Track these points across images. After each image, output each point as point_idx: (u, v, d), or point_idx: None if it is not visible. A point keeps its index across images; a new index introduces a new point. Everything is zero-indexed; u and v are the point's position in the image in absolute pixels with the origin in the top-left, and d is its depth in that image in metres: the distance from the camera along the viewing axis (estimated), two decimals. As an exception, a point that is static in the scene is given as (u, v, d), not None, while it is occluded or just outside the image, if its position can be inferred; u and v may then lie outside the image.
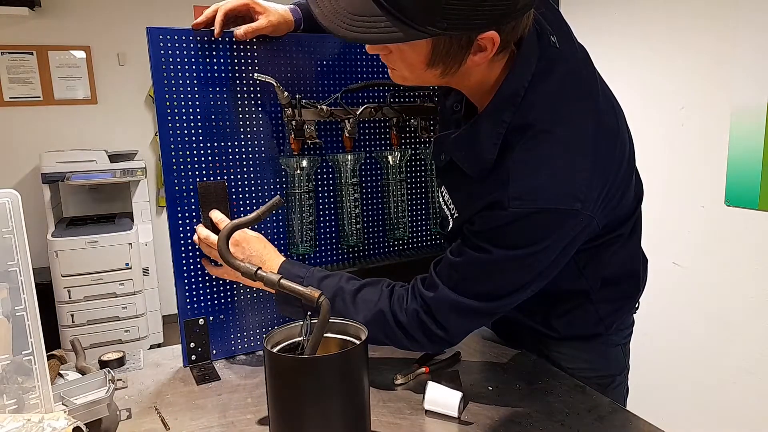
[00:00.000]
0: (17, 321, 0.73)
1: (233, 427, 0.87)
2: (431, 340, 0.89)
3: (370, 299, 0.91)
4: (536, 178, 0.77)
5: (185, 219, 1.05)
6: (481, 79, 0.81)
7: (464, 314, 0.85)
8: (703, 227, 1.95)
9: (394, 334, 0.90)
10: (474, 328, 0.92)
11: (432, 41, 0.72)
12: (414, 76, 0.80)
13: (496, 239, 0.80)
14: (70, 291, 2.95)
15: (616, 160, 0.83)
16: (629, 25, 2.18)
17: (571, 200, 0.76)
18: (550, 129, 0.78)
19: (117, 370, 1.07)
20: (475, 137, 0.82)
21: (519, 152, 0.78)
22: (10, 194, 0.72)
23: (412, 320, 0.88)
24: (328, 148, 1.16)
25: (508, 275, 0.82)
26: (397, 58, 0.78)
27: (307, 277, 0.94)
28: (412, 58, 0.76)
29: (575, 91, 0.82)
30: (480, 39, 0.71)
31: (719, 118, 1.86)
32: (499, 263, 0.81)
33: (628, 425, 0.86)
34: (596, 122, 0.80)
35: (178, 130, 1.02)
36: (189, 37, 1.01)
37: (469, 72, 0.79)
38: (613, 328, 1.03)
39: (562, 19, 0.88)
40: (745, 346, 1.84)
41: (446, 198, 0.93)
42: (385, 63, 0.82)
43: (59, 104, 3.41)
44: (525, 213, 0.76)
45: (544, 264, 0.81)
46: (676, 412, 2.07)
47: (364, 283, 0.94)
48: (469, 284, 0.84)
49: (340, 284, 0.93)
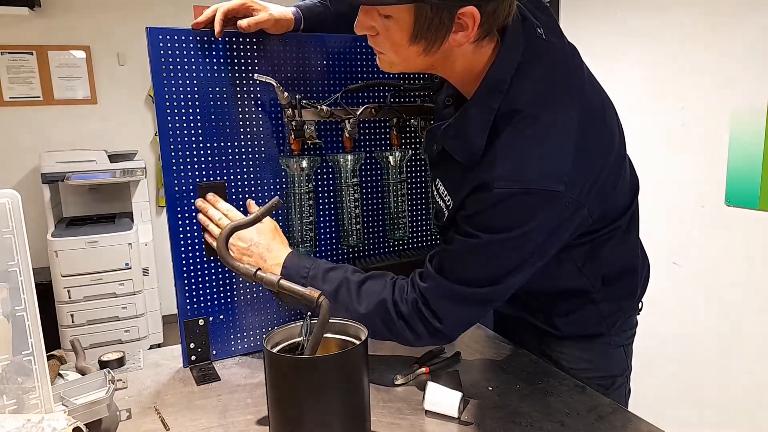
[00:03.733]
0: (17, 321, 0.73)
1: (233, 427, 0.87)
2: (429, 332, 0.89)
3: (373, 290, 0.92)
4: (521, 160, 0.79)
5: (185, 219, 1.05)
6: (466, 65, 0.84)
7: (457, 301, 0.87)
8: (703, 227, 1.95)
9: (394, 325, 0.91)
10: (469, 318, 0.92)
11: (414, 14, 0.76)
12: (399, 59, 0.83)
13: (483, 223, 0.82)
14: (70, 291, 2.95)
15: (603, 148, 0.85)
16: (629, 25, 2.18)
17: (554, 182, 0.77)
18: (536, 114, 0.80)
19: (117, 370, 1.07)
20: (464, 125, 0.84)
21: (506, 136, 0.81)
22: (10, 194, 0.72)
23: (412, 310, 0.89)
24: (328, 148, 1.16)
25: (496, 260, 0.84)
26: (383, 38, 0.81)
27: (313, 268, 0.96)
28: (396, 35, 0.79)
29: (561, 80, 0.84)
30: (460, 16, 0.75)
31: (719, 118, 1.86)
32: (487, 247, 0.82)
33: (628, 425, 0.86)
34: (581, 109, 0.82)
35: (178, 130, 1.02)
36: (189, 37, 1.01)
37: (453, 55, 0.82)
38: (616, 328, 1.03)
39: (552, 16, 0.90)
40: (746, 346, 1.84)
41: (441, 189, 0.95)
42: (373, 47, 0.85)
43: (59, 104, 3.41)
44: (509, 194, 0.78)
45: (530, 248, 0.82)
46: (677, 412, 2.07)
47: (368, 275, 0.96)
48: (460, 270, 0.86)
49: (345, 275, 0.95)
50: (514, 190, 0.78)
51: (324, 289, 0.92)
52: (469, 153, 0.84)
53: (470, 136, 0.83)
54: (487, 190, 0.80)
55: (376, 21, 0.80)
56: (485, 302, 0.89)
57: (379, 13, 0.79)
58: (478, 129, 0.82)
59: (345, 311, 0.92)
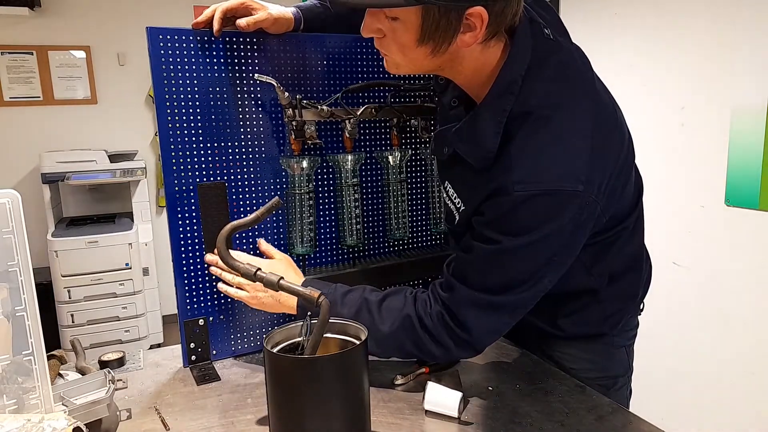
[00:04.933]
0: (17, 321, 0.73)
1: (233, 427, 0.87)
2: (456, 344, 0.88)
3: (395, 307, 0.91)
4: (538, 162, 0.78)
5: (185, 219, 1.05)
6: (475, 66, 0.83)
7: (483, 310, 0.85)
8: (703, 227, 1.95)
9: (420, 340, 0.89)
10: (497, 327, 0.90)
11: (422, 15, 0.75)
12: (406, 60, 0.82)
13: (503, 227, 0.80)
14: (70, 291, 2.95)
15: (615, 148, 0.84)
16: (629, 25, 2.18)
17: (574, 181, 0.77)
18: (549, 115, 0.79)
19: (117, 370, 1.07)
20: (476, 128, 0.83)
21: (520, 139, 0.80)
22: (10, 194, 0.72)
23: (438, 323, 0.88)
24: (329, 148, 1.16)
25: (518, 264, 0.82)
26: (390, 41, 0.80)
27: (330, 293, 0.94)
28: (403, 37, 0.78)
29: (573, 79, 0.84)
30: (468, 16, 0.74)
31: (719, 118, 1.85)
32: (508, 252, 0.81)
33: (628, 425, 0.86)
34: (595, 109, 0.82)
35: (178, 130, 1.02)
36: (189, 37, 1.01)
37: (461, 56, 0.81)
38: (618, 328, 1.03)
39: (558, 17, 0.90)
40: (746, 346, 1.84)
41: (450, 192, 0.94)
42: (379, 49, 0.84)
43: (59, 104, 3.41)
44: (528, 196, 0.77)
45: (552, 250, 0.81)
46: (677, 413, 2.07)
47: (387, 292, 0.94)
48: (483, 277, 0.84)
49: (363, 296, 0.94)
50: (534, 192, 0.77)
51: (344, 313, 0.91)
52: (481, 156, 0.83)
53: (483, 139, 0.82)
54: (505, 194, 0.78)
55: (383, 23, 0.79)
56: (512, 309, 0.87)
57: (386, 16, 0.78)
58: (490, 132, 0.81)
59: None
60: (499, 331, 0.91)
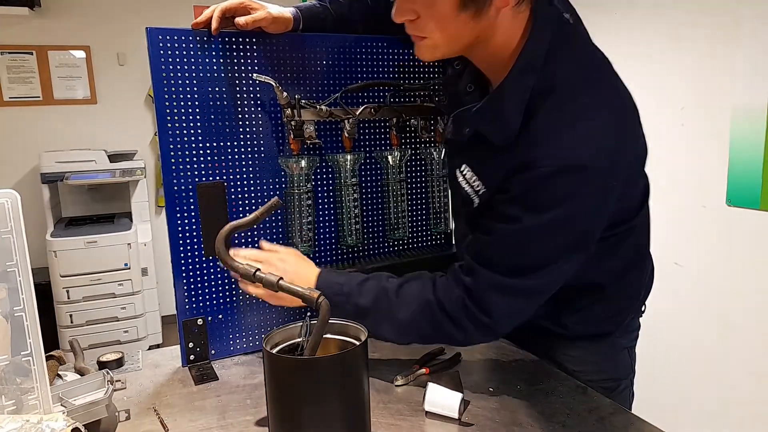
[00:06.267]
0: (16, 321, 0.73)
1: (232, 428, 0.87)
2: (477, 327, 0.87)
3: (414, 293, 0.91)
4: (565, 138, 0.78)
5: (184, 219, 1.05)
6: (503, 40, 0.82)
7: (505, 293, 0.85)
8: (704, 227, 1.95)
9: (440, 324, 0.89)
10: (518, 312, 0.89)
11: None
12: (445, 37, 0.81)
13: (527, 202, 0.80)
14: (69, 291, 2.94)
15: (635, 132, 0.85)
16: (629, 26, 2.18)
17: (601, 158, 0.77)
18: (573, 92, 0.79)
19: (116, 370, 1.07)
20: (499, 105, 0.82)
21: (545, 114, 0.79)
22: (9, 194, 0.72)
23: (459, 308, 0.87)
24: (328, 148, 1.16)
25: (540, 244, 0.82)
26: (426, 19, 0.80)
27: (346, 284, 0.94)
28: (444, 7, 0.77)
29: (594, 61, 0.84)
30: None
31: (720, 118, 1.85)
32: (530, 231, 0.80)
33: (629, 426, 0.85)
34: (617, 91, 0.82)
35: (178, 130, 1.02)
36: (189, 37, 1.01)
37: (496, 25, 0.80)
38: (622, 328, 1.03)
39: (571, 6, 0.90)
40: (748, 346, 1.84)
41: (468, 176, 0.93)
42: (413, 34, 0.83)
43: (59, 104, 3.41)
44: (555, 170, 0.77)
45: (574, 231, 0.81)
46: (678, 413, 2.07)
47: (405, 278, 0.94)
48: (504, 260, 0.84)
49: (381, 284, 0.93)
50: (561, 166, 0.76)
51: (361, 302, 0.91)
52: (504, 134, 0.82)
53: (506, 116, 0.81)
54: (531, 168, 0.78)
55: (417, 2, 0.78)
56: (533, 293, 0.87)
57: None
58: (513, 108, 0.80)
59: (388, 320, 0.90)
60: (520, 316, 0.90)
